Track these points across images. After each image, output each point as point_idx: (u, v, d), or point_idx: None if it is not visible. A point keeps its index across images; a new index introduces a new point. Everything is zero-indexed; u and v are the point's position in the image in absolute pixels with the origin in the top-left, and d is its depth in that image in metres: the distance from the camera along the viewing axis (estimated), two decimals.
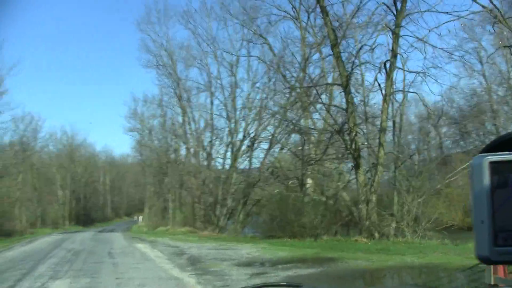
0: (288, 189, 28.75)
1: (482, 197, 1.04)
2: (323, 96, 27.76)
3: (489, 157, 1.06)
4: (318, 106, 28.17)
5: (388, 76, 21.57)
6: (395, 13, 21.44)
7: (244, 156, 37.19)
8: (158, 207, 51.15)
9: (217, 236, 32.14)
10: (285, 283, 1.89)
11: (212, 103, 39.30)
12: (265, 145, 36.29)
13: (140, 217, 51.34)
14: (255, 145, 36.41)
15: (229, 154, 37.55)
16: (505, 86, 39.70)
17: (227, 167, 37.69)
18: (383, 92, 21.92)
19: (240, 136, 36.87)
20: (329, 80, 28.31)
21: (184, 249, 22.08)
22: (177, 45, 45.24)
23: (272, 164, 33.45)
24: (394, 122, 24.47)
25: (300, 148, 29.98)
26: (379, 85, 22.22)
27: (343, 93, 23.43)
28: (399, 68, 22.50)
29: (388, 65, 21.59)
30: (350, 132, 22.19)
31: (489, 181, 1.05)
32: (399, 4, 21.22)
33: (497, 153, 1.07)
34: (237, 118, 37.07)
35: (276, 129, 34.46)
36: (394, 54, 21.47)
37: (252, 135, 36.11)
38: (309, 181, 29.22)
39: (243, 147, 37.15)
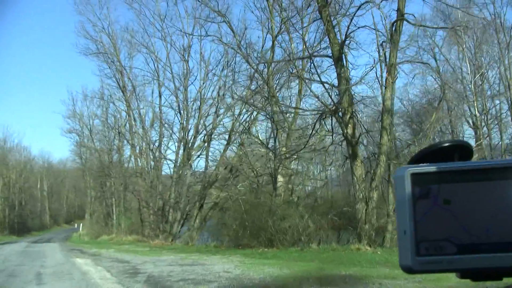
0: (255, 189, 23.40)
1: (404, 208, 1.04)
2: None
3: (411, 168, 1.06)
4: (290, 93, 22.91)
5: (394, 42, 16.55)
6: None
7: (199, 153, 31.63)
8: (101, 213, 44.82)
9: (172, 246, 26.47)
10: None
11: (160, 95, 33.55)
12: (223, 140, 30.94)
13: (80, 225, 44.66)
14: (212, 140, 30.94)
15: (181, 152, 31.78)
16: (459, 83, 36.05)
17: (179, 166, 31.85)
18: (387, 62, 16.84)
19: (194, 130, 31.27)
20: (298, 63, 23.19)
21: (137, 266, 16.37)
22: (121, 29, 39.30)
23: (238, 159, 27.81)
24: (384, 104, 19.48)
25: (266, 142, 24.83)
26: (384, 53, 17.04)
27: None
28: (420, 26, 17.40)
29: (394, 27, 16.58)
30: (344, 114, 17.10)
31: (411, 192, 1.04)
32: None
33: (419, 164, 1.08)
34: (190, 111, 31.46)
35: (235, 121, 29.08)
36: (401, 14, 16.50)
37: (209, 128, 30.57)
38: (280, 178, 23.93)
39: (197, 143, 31.60)
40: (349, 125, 17.13)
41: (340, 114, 17.26)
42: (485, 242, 1.05)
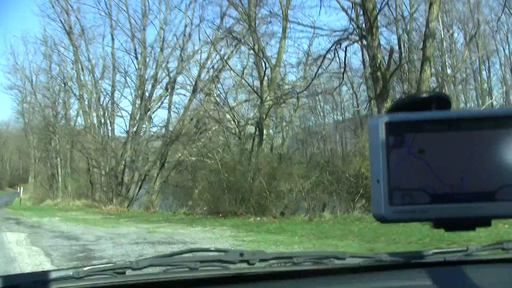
0: (238, 142, 18.36)
1: (378, 157, 0.95)
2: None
3: (385, 117, 0.95)
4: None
5: None
6: None
7: (159, 103, 26.22)
8: (45, 175, 38.81)
9: (130, 213, 21.24)
10: (213, 248, 1.80)
11: (113, 37, 27.65)
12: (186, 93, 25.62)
13: (21, 189, 38.28)
14: (176, 90, 25.54)
15: (139, 102, 26.15)
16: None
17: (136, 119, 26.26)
18: None
19: (153, 77, 25.70)
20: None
21: (89, 245, 11.20)
22: None
23: (206, 107, 22.44)
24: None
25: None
26: None
27: None
28: None
29: None
30: (372, 40, 12.18)
31: (385, 141, 0.94)
32: None
33: (393, 113, 0.96)
34: (148, 55, 25.88)
35: (203, 64, 23.84)
36: None
37: (172, 74, 25.12)
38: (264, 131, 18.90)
39: (158, 92, 26.15)
40: (378, 54, 12.23)
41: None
42: (458, 192, 0.94)
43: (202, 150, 20.15)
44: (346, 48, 13.32)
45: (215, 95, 23.20)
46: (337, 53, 13.54)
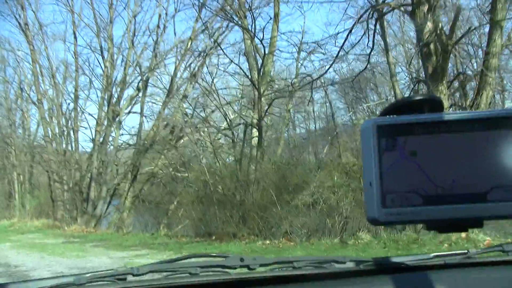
0: (232, 146, 15.02)
1: (370, 160, 0.98)
2: None
3: (377, 120, 0.99)
4: None
5: None
6: None
7: (130, 106, 22.64)
8: (2, 192, 34.64)
9: (98, 234, 17.58)
10: (214, 254, 1.74)
11: (75, 34, 23.99)
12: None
13: None
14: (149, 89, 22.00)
15: (106, 107, 22.52)
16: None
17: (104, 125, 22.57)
18: None
19: (123, 76, 22.15)
20: None
21: None
22: None
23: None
24: None
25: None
26: None
27: None
28: None
29: None
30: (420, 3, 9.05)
31: (377, 144, 0.97)
32: None
33: (385, 116, 1.00)
34: (117, 52, 22.39)
35: (181, 59, 20.47)
36: None
37: (145, 72, 21.56)
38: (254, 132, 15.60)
39: (128, 94, 22.61)
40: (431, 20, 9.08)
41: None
42: (450, 194, 0.96)
43: (183, 159, 16.73)
44: (377, 20, 10.15)
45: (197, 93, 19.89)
46: (368, 27, 10.36)
